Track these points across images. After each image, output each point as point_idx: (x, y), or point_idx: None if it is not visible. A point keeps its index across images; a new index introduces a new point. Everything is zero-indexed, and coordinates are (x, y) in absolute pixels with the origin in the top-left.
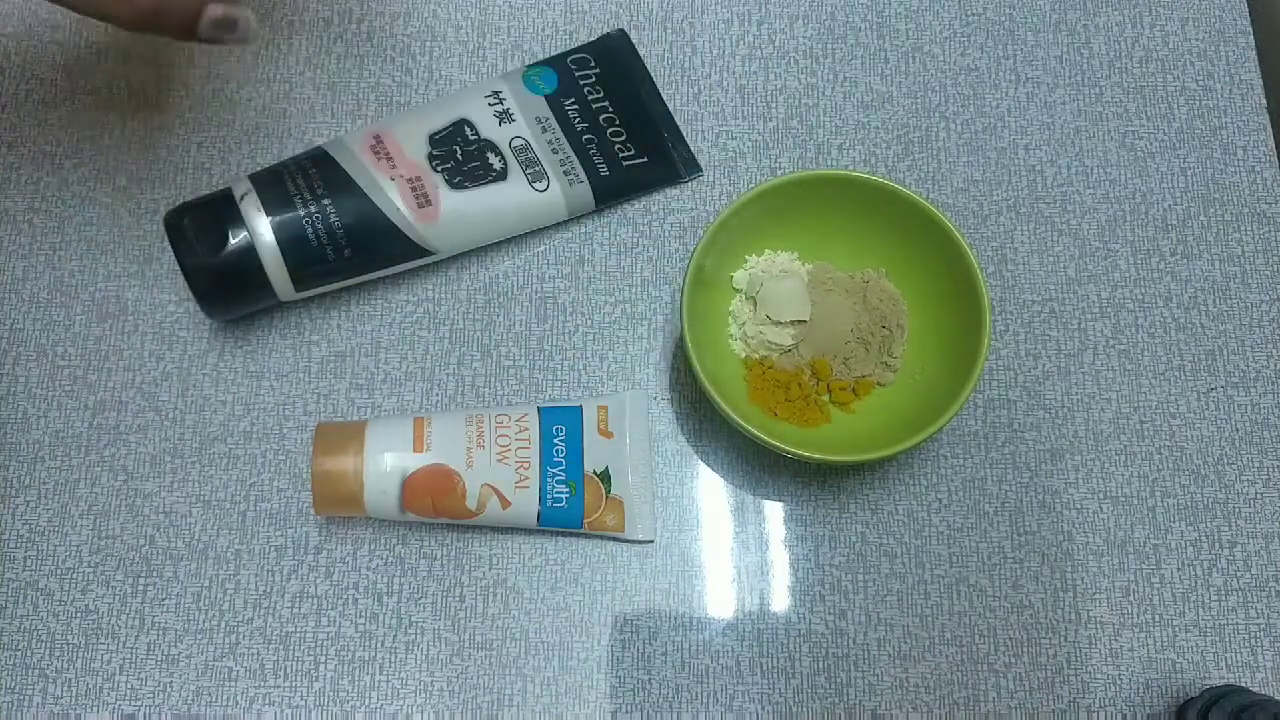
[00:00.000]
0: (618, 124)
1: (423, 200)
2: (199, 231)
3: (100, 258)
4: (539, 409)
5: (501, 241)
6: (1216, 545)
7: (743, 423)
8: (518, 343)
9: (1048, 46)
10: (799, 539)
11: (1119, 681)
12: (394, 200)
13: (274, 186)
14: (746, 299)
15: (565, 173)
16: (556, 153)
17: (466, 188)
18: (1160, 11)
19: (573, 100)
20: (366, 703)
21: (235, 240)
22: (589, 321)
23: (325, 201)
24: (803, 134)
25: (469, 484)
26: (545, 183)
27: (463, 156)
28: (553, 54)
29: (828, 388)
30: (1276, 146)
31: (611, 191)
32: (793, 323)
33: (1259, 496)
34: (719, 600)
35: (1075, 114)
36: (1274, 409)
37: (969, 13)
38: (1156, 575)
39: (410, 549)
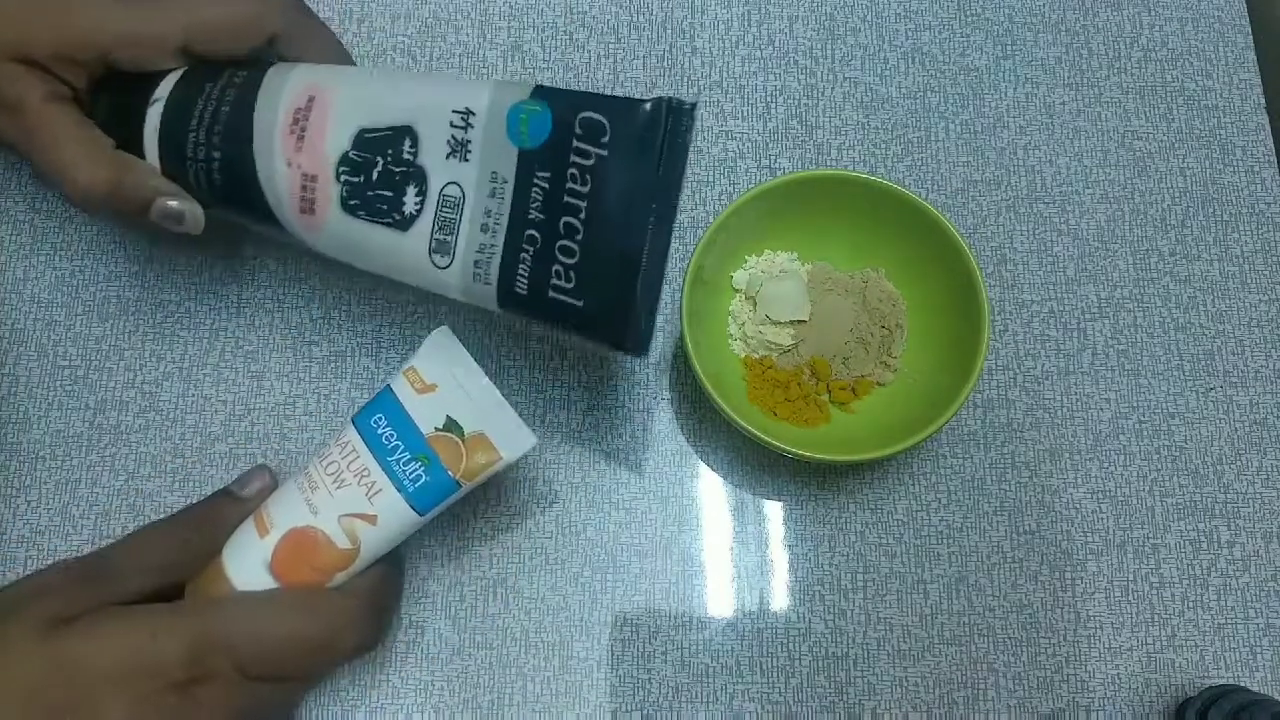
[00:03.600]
0: (578, 239)
1: (306, 206)
2: (109, 107)
3: (100, 258)
4: (352, 419)
5: None
6: (1216, 545)
7: (743, 423)
8: (518, 342)
9: (1048, 46)
10: (799, 539)
11: (1118, 681)
12: (279, 190)
13: (181, 112)
14: (746, 299)
15: (476, 263)
16: (485, 231)
17: (359, 217)
18: (1160, 11)
19: (547, 175)
20: (367, 701)
21: (125, 134)
22: None
23: (215, 155)
24: (802, 134)
25: (325, 527)
26: (449, 259)
27: (377, 178)
28: (575, 83)
29: (827, 387)
30: (1276, 146)
31: (520, 310)
32: (792, 323)
33: (1258, 496)
34: (719, 600)
35: (1075, 114)
36: (1273, 409)
37: (969, 13)
38: (1156, 575)
39: (411, 549)
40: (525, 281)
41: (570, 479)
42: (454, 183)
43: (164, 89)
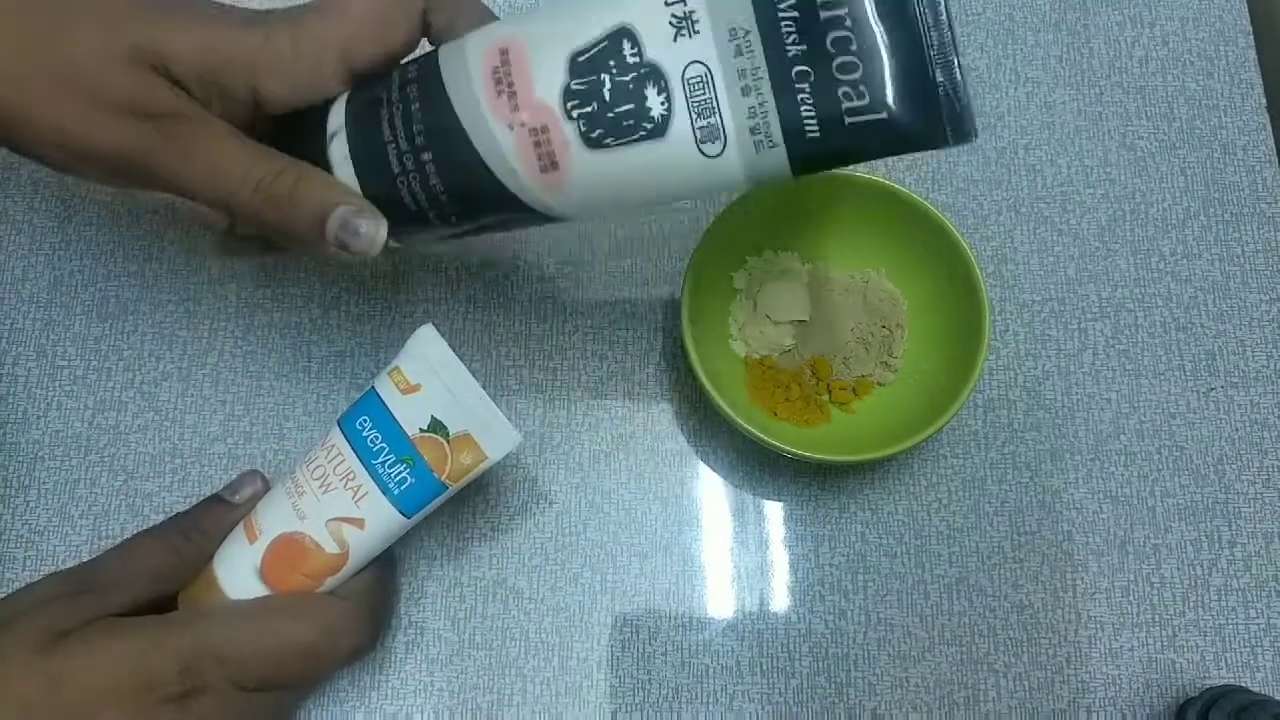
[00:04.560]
0: (853, 48)
1: (547, 163)
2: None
3: (100, 258)
4: (338, 422)
5: (504, 238)
6: (1216, 545)
7: (743, 423)
8: (518, 342)
9: (1048, 46)
10: (799, 539)
11: (1119, 681)
12: (509, 159)
13: (368, 130)
14: (746, 299)
15: (753, 129)
16: (748, 94)
17: (608, 146)
18: (1160, 11)
19: (793, 1)
20: (366, 702)
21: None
22: (589, 322)
23: (425, 157)
24: None
25: (312, 533)
26: (720, 144)
27: (611, 95)
28: None
29: (828, 388)
30: (1276, 146)
31: (820, 161)
32: (792, 323)
33: (1259, 496)
34: (719, 600)
35: (1075, 114)
36: (1274, 409)
37: (969, 13)
38: (1156, 575)
39: (409, 549)
40: (815, 123)
41: (570, 479)
42: (694, 61)
43: (336, 119)
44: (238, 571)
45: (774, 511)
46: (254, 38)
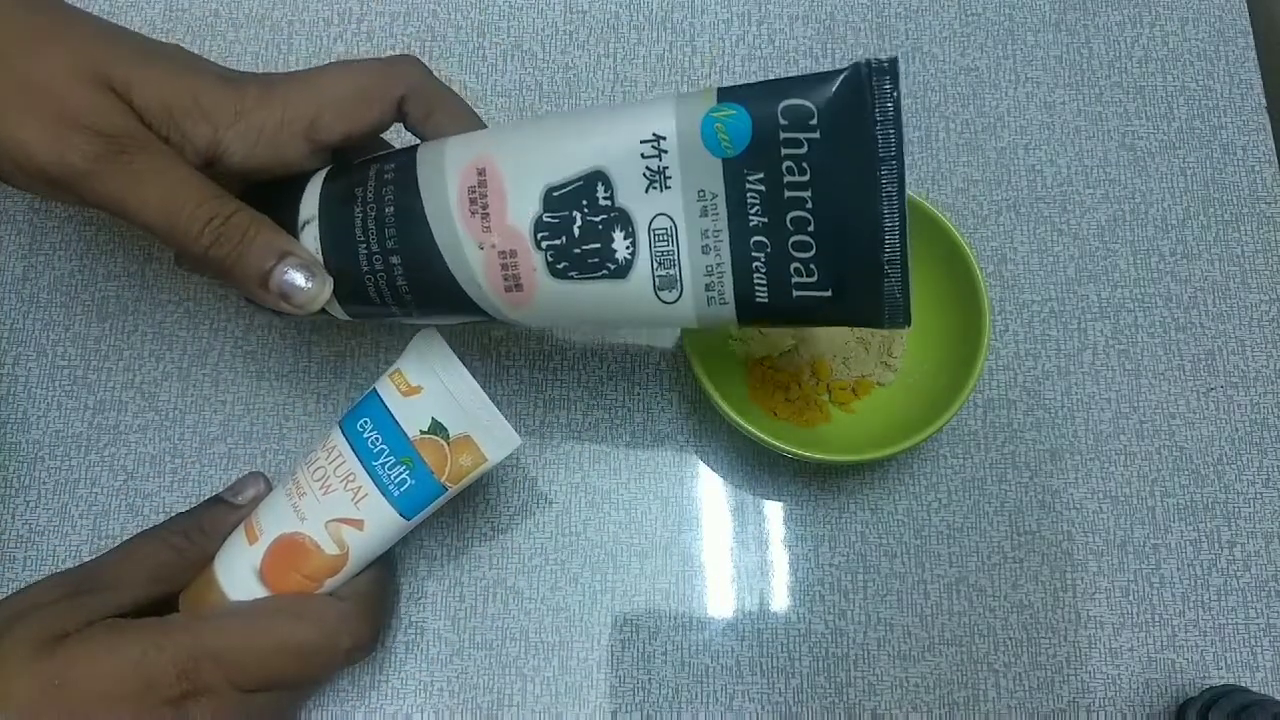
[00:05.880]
0: (810, 229)
1: (512, 284)
2: None
3: (100, 258)
4: (339, 423)
5: None
6: (1216, 545)
7: (743, 423)
8: (518, 343)
9: (1048, 46)
10: (799, 539)
11: (1119, 681)
12: (477, 277)
13: (341, 226)
14: None
15: (708, 286)
16: (707, 253)
17: (571, 278)
18: (1160, 11)
19: (761, 176)
20: (366, 702)
21: None
22: None
23: (394, 260)
24: None
25: (313, 534)
26: (677, 293)
27: (580, 233)
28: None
29: (828, 388)
30: (1276, 146)
31: (764, 321)
32: None
33: (1259, 496)
34: (719, 600)
35: (1075, 114)
36: (1274, 409)
37: (969, 13)
38: (1156, 575)
39: (410, 549)
40: (765, 290)
41: (570, 479)
42: (661, 214)
43: (309, 208)
44: (238, 572)
45: (774, 511)
46: (224, 89)
